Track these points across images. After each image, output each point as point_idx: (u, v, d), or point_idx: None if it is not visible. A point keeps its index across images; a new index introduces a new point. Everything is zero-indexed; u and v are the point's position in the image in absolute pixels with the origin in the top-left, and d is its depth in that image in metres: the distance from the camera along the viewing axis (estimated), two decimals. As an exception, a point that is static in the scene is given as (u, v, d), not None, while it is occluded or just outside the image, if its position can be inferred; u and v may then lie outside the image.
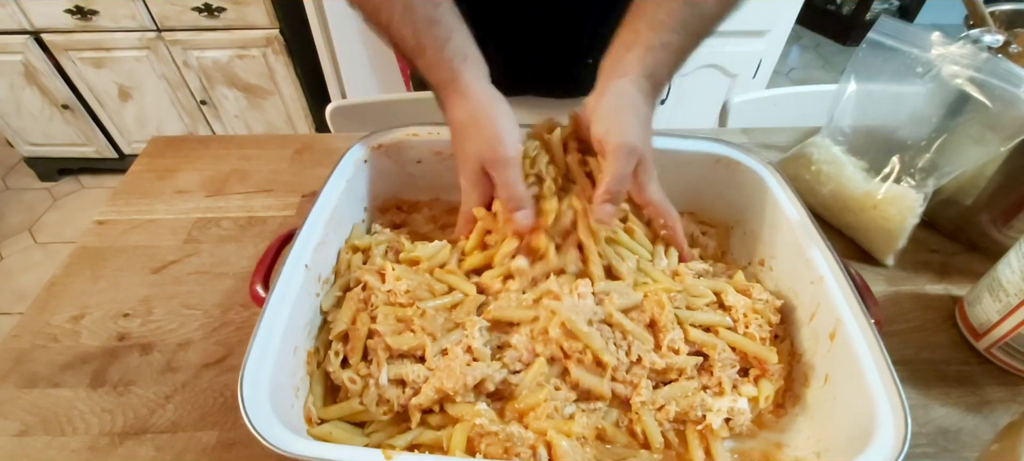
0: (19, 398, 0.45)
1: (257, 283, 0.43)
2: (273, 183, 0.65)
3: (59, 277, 0.54)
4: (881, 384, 0.34)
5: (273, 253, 0.46)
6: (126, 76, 1.57)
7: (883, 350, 0.36)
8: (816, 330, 0.42)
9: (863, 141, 0.58)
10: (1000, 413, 0.45)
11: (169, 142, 0.71)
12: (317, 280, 0.44)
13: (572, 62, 0.68)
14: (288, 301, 0.39)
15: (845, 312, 0.39)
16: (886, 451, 0.31)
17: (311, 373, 0.41)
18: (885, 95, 0.56)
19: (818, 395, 0.40)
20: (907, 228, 0.53)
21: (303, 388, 0.40)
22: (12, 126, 1.71)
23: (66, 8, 1.41)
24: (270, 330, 0.37)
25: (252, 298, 0.42)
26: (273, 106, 1.64)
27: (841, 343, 0.38)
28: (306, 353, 0.41)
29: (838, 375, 0.38)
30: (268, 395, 0.34)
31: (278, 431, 0.32)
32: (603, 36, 0.67)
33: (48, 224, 1.79)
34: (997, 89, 0.49)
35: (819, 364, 0.41)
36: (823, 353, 0.41)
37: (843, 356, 0.38)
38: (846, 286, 0.40)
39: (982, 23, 0.56)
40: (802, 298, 0.45)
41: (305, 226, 0.44)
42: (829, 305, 0.40)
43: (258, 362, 0.35)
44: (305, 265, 0.42)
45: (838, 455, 0.35)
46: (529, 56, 0.66)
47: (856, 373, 0.36)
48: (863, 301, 0.39)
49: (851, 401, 0.36)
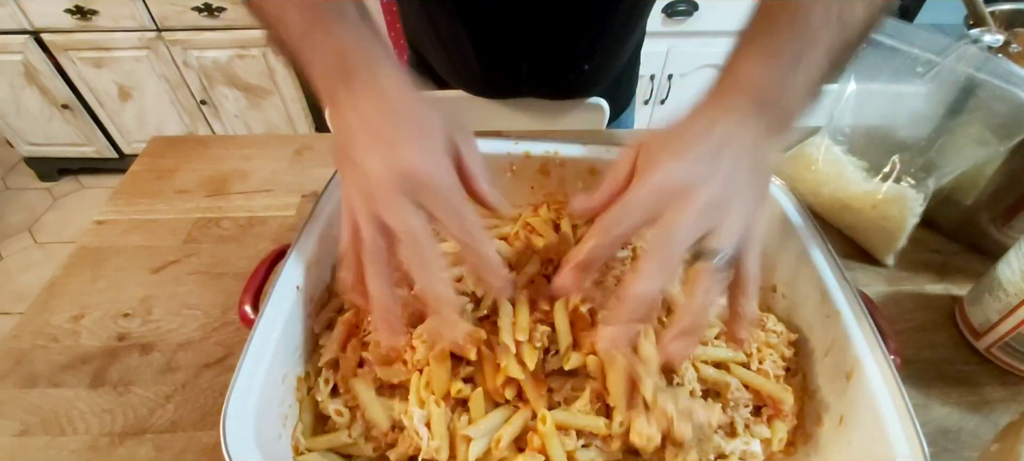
0: (19, 398, 0.45)
1: (246, 302, 0.41)
2: (273, 183, 0.65)
3: (59, 277, 0.54)
4: (903, 434, 0.32)
5: (264, 271, 0.43)
6: (126, 76, 1.57)
7: (904, 396, 0.33)
8: (831, 367, 0.39)
9: (863, 141, 0.58)
10: (1000, 413, 0.45)
11: (169, 142, 0.71)
12: (309, 301, 0.42)
13: (568, 67, 0.67)
14: (277, 326, 0.37)
15: (864, 352, 0.36)
16: None
17: (301, 400, 0.39)
18: (885, 95, 0.56)
19: (831, 436, 0.38)
20: (907, 228, 0.53)
21: (292, 416, 0.38)
22: (12, 126, 1.71)
23: (66, 8, 1.41)
24: (258, 357, 0.34)
25: (240, 318, 0.40)
26: (273, 106, 1.64)
27: (859, 385, 0.36)
28: (296, 379, 0.39)
29: (854, 418, 0.36)
30: (253, 430, 0.32)
31: None
32: (601, 41, 0.65)
33: (48, 224, 1.79)
34: (997, 89, 0.49)
35: (834, 404, 0.38)
36: (838, 393, 0.38)
37: (861, 399, 0.35)
38: (865, 323, 0.37)
39: (982, 23, 0.56)
40: (816, 331, 0.42)
41: (297, 244, 0.41)
42: (846, 342, 0.37)
43: (243, 394, 0.33)
44: (296, 286, 0.39)
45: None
46: (524, 58, 0.65)
47: (874, 420, 0.34)
48: (882, 337, 0.36)
49: (868, 448, 0.34)
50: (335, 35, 0.33)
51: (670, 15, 1.45)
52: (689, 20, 1.46)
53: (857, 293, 0.39)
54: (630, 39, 0.70)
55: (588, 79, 0.70)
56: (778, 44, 0.32)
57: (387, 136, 0.30)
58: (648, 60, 1.44)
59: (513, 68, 0.66)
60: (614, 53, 0.69)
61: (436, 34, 0.66)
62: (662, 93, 1.64)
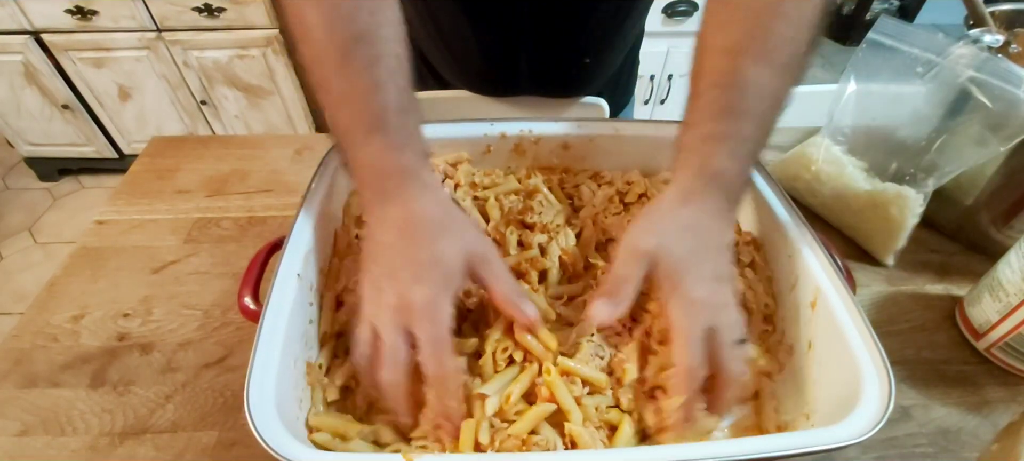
0: (19, 398, 0.45)
1: (246, 295, 0.42)
2: (273, 183, 0.65)
3: (59, 277, 0.54)
4: (864, 348, 0.35)
5: (260, 263, 0.44)
6: (126, 76, 1.57)
7: (863, 316, 0.36)
8: (797, 301, 0.43)
9: (863, 141, 0.58)
10: (1000, 413, 0.45)
11: (169, 142, 0.71)
12: (309, 289, 0.43)
13: (570, 62, 0.68)
14: (284, 313, 0.38)
15: (823, 280, 0.40)
16: (872, 411, 0.32)
17: (312, 385, 0.40)
18: (885, 95, 0.56)
19: (802, 362, 0.41)
20: (907, 228, 0.53)
21: (306, 399, 0.39)
22: (12, 126, 1.71)
23: (66, 8, 1.42)
24: (270, 344, 0.36)
25: (241, 311, 0.41)
26: (273, 106, 1.64)
27: (822, 310, 0.39)
28: (306, 364, 0.40)
29: (821, 341, 0.39)
30: (275, 411, 0.33)
31: (291, 444, 0.31)
32: (601, 37, 0.66)
33: (48, 224, 1.79)
34: (997, 89, 0.49)
35: (802, 333, 0.42)
36: (805, 322, 0.41)
37: (825, 323, 0.39)
38: (822, 256, 0.41)
39: (982, 23, 0.56)
40: (784, 270, 0.45)
41: (293, 234, 0.42)
42: (808, 275, 0.41)
43: (261, 379, 0.34)
44: (297, 274, 0.40)
45: (827, 417, 0.36)
46: (525, 54, 0.66)
47: (839, 339, 0.37)
48: (837, 266, 0.40)
49: (836, 365, 0.37)
50: (376, 149, 0.37)
51: (670, 15, 1.45)
52: (689, 20, 1.46)
53: (814, 233, 0.43)
54: (630, 32, 0.71)
55: (588, 75, 0.70)
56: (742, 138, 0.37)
57: (399, 270, 0.35)
58: (648, 60, 1.44)
59: (513, 61, 0.66)
60: (614, 45, 0.70)
61: (437, 27, 0.67)
62: (662, 93, 1.64)
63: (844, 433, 0.31)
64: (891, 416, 0.44)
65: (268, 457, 0.42)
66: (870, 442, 0.42)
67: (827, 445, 0.31)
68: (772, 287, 0.46)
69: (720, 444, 0.36)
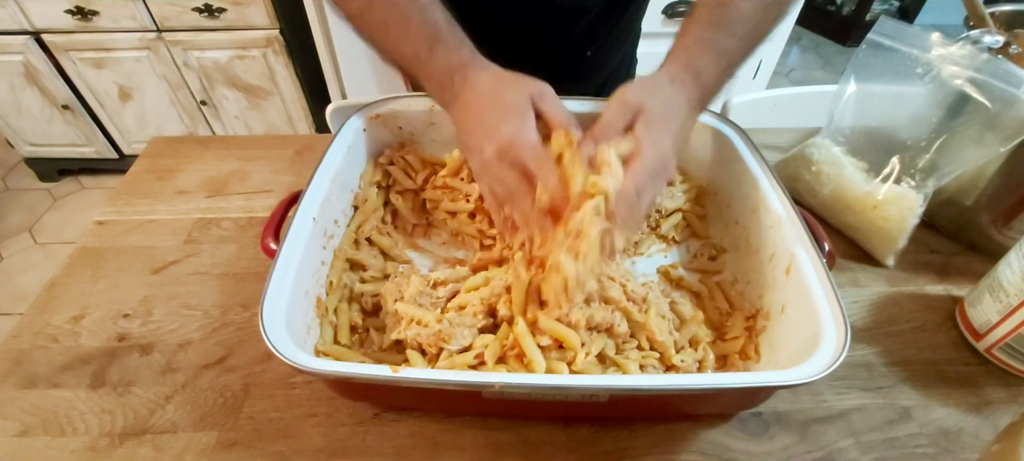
0: (19, 398, 0.45)
1: (268, 238, 0.47)
2: (273, 184, 0.65)
3: (59, 277, 0.54)
4: (827, 304, 0.39)
5: (282, 211, 0.50)
6: (126, 76, 1.57)
7: (830, 278, 0.40)
8: (774, 269, 0.46)
9: (863, 142, 0.58)
10: (1000, 413, 0.45)
11: (169, 142, 0.71)
12: (323, 234, 0.49)
13: (570, 54, 0.68)
14: (298, 249, 0.43)
15: (798, 247, 0.43)
16: (830, 350, 0.37)
17: (321, 317, 0.46)
18: (885, 96, 0.56)
19: (777, 323, 0.45)
20: (907, 229, 0.53)
21: (314, 329, 0.45)
22: (12, 126, 1.71)
23: (66, 8, 1.41)
24: (284, 273, 0.41)
25: (263, 250, 0.46)
26: (273, 107, 1.64)
27: (795, 275, 0.43)
28: (316, 298, 0.46)
29: (793, 303, 0.43)
30: (285, 328, 0.38)
31: (296, 352, 0.36)
32: (603, 30, 0.67)
33: (48, 224, 1.79)
34: (997, 90, 0.49)
35: (778, 296, 0.45)
36: (781, 287, 0.45)
37: (796, 285, 0.42)
38: (800, 226, 0.45)
39: (982, 24, 0.56)
40: (765, 243, 0.49)
41: (311, 185, 0.48)
42: (785, 243, 0.45)
43: (274, 299, 0.39)
44: (313, 218, 0.46)
45: (791, 360, 0.40)
46: (526, 47, 0.66)
47: (805, 296, 0.41)
48: (815, 237, 0.44)
49: (804, 320, 0.41)
50: (440, 57, 0.47)
51: (670, 16, 1.45)
52: (689, 21, 1.46)
53: (793, 203, 0.46)
54: (631, 25, 0.73)
55: (589, 69, 0.72)
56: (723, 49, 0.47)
57: (486, 126, 0.44)
58: (648, 60, 1.43)
59: (514, 57, 0.67)
60: (615, 38, 0.71)
61: None
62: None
63: (800, 373, 0.35)
64: (891, 417, 0.45)
65: (269, 456, 0.42)
66: (870, 442, 0.43)
67: (787, 381, 0.36)
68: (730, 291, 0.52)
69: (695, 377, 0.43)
